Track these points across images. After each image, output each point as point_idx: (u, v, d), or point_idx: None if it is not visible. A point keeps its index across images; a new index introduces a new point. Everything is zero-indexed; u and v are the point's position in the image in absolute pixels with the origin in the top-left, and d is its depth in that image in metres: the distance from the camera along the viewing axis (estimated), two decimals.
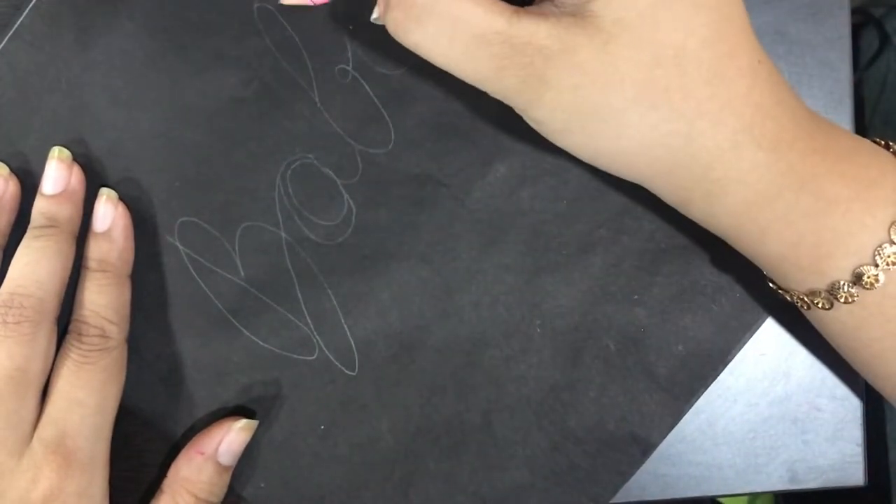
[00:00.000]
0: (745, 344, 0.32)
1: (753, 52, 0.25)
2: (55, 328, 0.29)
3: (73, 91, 0.31)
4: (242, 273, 0.32)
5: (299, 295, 0.32)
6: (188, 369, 0.32)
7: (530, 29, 0.25)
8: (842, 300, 0.26)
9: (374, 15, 0.28)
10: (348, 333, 0.32)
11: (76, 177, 0.31)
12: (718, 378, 0.32)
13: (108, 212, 0.31)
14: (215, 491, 0.31)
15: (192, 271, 0.32)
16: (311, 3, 0.30)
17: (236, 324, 0.32)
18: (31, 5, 0.31)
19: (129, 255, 0.31)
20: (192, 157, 0.32)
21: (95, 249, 0.31)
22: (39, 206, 0.30)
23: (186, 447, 0.31)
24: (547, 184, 0.32)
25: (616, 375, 0.32)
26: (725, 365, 0.32)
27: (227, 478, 0.31)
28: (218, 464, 0.31)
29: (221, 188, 0.32)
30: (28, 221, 0.30)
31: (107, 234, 0.31)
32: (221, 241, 0.32)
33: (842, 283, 0.25)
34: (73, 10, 0.31)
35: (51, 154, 0.31)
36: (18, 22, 0.31)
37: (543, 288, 0.32)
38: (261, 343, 0.32)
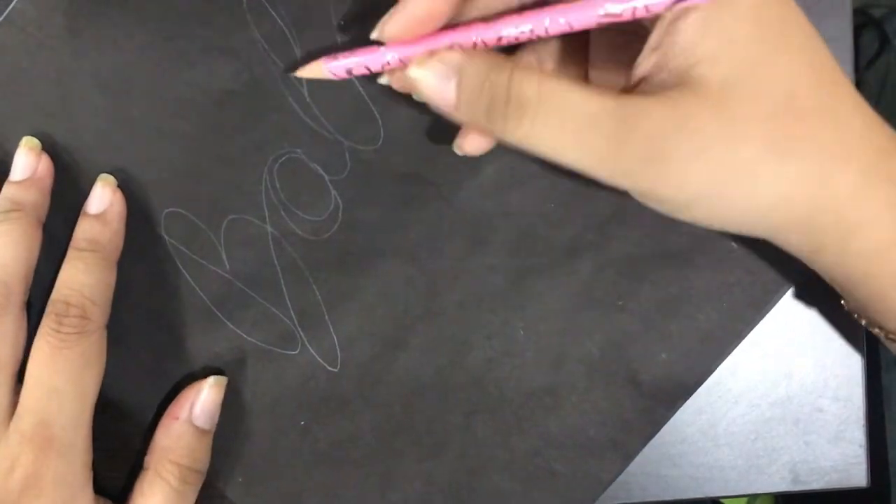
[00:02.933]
0: (729, 354, 0.32)
1: (850, 87, 0.26)
2: (23, 314, 0.29)
3: (63, 79, 0.31)
4: (227, 265, 0.32)
5: (284, 289, 0.32)
6: (172, 360, 0.32)
7: (641, 104, 0.24)
8: None
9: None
10: (332, 329, 0.32)
11: (44, 166, 0.31)
12: (720, 379, 0.32)
13: (105, 195, 0.31)
14: (197, 457, 0.30)
15: (178, 262, 0.32)
16: (334, 77, 0.28)
17: (220, 316, 0.32)
18: None
19: (120, 242, 0.31)
20: (180, 148, 0.31)
21: (87, 230, 0.30)
22: (5, 193, 0.30)
23: (162, 417, 0.31)
24: (535, 186, 0.32)
25: (598, 381, 0.32)
26: (709, 374, 0.32)
27: (207, 443, 0.31)
28: (195, 427, 0.30)
29: (208, 180, 0.32)
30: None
31: (101, 216, 0.31)
32: (207, 233, 0.32)
33: None
34: None
35: (20, 143, 0.31)
36: (10, 7, 0.31)
37: (529, 290, 0.32)
38: (244, 336, 0.32)
